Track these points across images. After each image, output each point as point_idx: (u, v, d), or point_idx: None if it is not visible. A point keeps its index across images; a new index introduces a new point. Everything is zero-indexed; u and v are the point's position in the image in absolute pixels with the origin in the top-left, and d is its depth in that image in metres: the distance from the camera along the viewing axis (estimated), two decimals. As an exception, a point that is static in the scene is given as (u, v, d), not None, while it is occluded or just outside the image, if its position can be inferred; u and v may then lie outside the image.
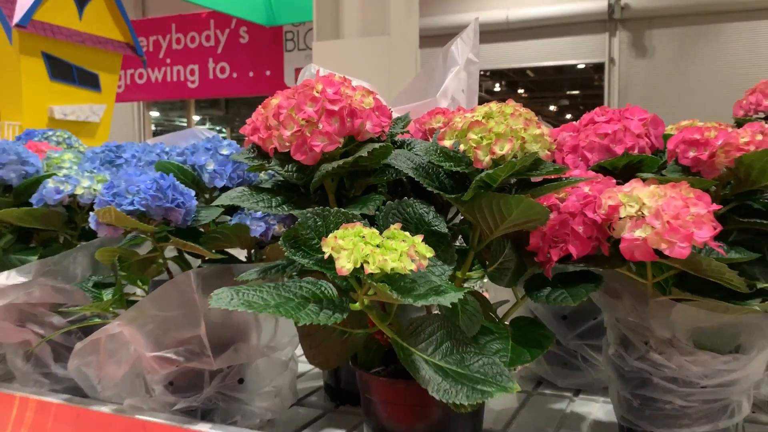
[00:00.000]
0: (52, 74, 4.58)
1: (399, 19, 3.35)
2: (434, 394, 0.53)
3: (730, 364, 0.67)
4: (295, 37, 8.33)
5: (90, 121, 4.93)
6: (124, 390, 0.80)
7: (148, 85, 9.45)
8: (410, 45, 3.45)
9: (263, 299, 0.51)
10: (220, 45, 8.95)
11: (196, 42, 9.10)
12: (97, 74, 4.96)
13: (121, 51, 5.06)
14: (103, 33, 4.91)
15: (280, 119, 0.58)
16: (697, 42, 7.82)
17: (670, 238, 0.55)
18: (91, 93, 4.91)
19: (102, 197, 0.69)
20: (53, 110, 4.58)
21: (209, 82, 9.09)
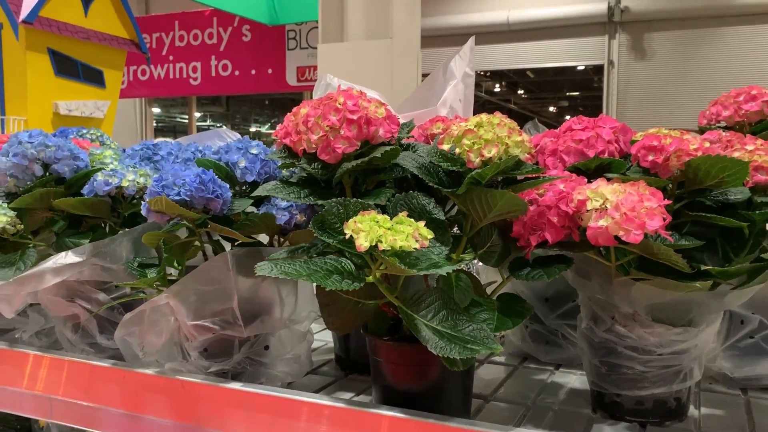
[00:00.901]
0: (57, 70, 4.64)
1: (402, 23, 3.46)
2: (432, 350, 0.66)
3: (682, 335, 0.80)
4: (297, 35, 8.44)
5: (94, 117, 5.01)
6: (163, 356, 0.93)
7: (151, 81, 9.55)
8: (412, 47, 3.57)
9: (296, 270, 0.63)
10: (223, 43, 9.05)
11: (198, 39, 9.20)
12: (102, 71, 5.04)
13: (126, 48, 5.14)
14: (108, 30, 4.99)
15: (309, 126, 0.70)
16: (696, 45, 7.93)
17: (627, 226, 0.67)
18: (95, 89, 4.99)
19: (152, 188, 0.81)
20: (58, 106, 4.65)
21: (211, 80, 9.19)
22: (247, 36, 8.83)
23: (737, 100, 0.97)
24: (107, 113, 5.09)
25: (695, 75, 7.94)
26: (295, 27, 8.32)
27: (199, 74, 9.27)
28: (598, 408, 0.85)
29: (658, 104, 8.16)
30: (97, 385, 0.91)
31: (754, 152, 0.80)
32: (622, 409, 0.82)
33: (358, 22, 3.51)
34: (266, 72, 8.79)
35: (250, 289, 0.86)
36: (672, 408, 0.82)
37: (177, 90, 9.56)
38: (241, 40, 8.89)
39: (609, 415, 0.84)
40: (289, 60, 8.54)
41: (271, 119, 13.79)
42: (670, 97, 8.10)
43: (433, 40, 7.79)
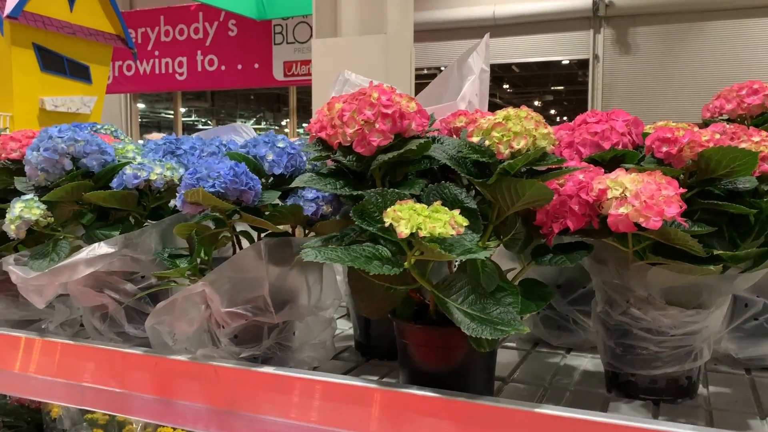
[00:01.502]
0: (43, 66, 4.61)
1: (395, 18, 3.49)
2: (466, 330, 0.69)
3: (694, 317, 0.84)
4: (284, 30, 8.44)
5: (81, 112, 4.98)
6: (193, 344, 0.96)
7: (137, 76, 9.50)
8: (406, 42, 3.61)
9: (339, 256, 0.66)
10: (209, 37, 9.02)
11: (184, 34, 9.16)
12: (88, 66, 5.01)
13: (112, 43, 5.11)
14: (94, 25, 4.96)
15: (344, 120, 0.73)
16: (680, 39, 8.04)
17: (647, 213, 0.72)
18: (82, 85, 4.96)
19: (187, 181, 0.84)
20: (44, 102, 4.62)
21: (198, 75, 9.16)
22: (233, 31, 8.81)
23: (740, 93, 1.02)
24: (94, 109, 5.06)
25: (679, 69, 8.04)
26: (281, 22, 8.31)
27: (185, 69, 9.24)
28: (613, 387, 0.90)
29: (642, 98, 8.25)
30: (130, 372, 0.94)
31: (761, 143, 0.84)
32: (636, 387, 0.87)
33: (352, 18, 3.54)
34: (253, 67, 8.78)
35: (280, 277, 0.90)
36: (684, 386, 0.86)
37: (163, 85, 9.53)
38: (227, 34, 8.87)
39: (624, 394, 0.88)
40: (275, 55, 8.54)
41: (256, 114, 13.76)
42: (654, 91, 8.20)
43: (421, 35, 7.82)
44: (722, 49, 7.77)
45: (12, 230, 0.95)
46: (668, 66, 8.15)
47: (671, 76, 8.09)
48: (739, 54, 7.66)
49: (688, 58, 8.00)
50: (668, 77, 8.11)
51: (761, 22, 7.57)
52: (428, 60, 9.16)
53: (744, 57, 7.62)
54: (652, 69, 8.26)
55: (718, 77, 7.52)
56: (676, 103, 7.89)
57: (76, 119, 4.91)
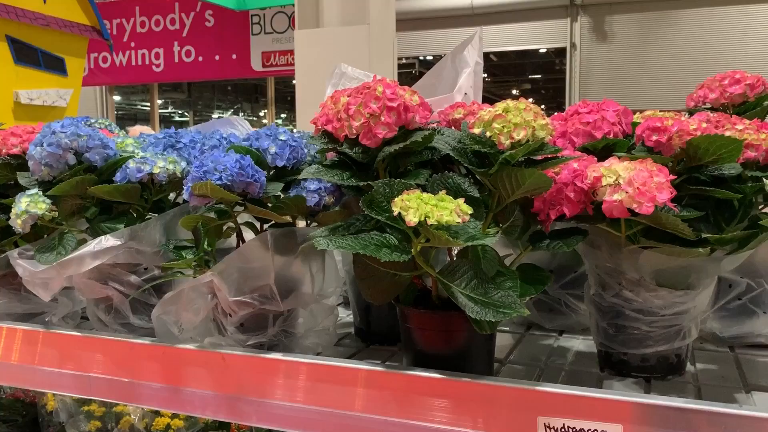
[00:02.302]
0: (16, 58, 4.54)
1: (378, 8, 3.51)
2: (470, 314, 0.73)
3: (683, 297, 0.88)
4: (261, 20, 8.39)
5: (57, 105, 4.92)
6: (199, 333, 0.98)
7: (113, 68, 9.39)
8: (388, 33, 3.62)
9: (349, 244, 0.69)
10: (186, 28, 8.94)
11: (160, 25, 9.07)
12: (63, 58, 4.95)
13: (87, 34, 5.04)
14: (68, 16, 4.89)
15: (350, 113, 0.76)
16: (656, 28, 8.14)
17: (640, 199, 0.75)
18: (57, 77, 4.90)
19: (194, 174, 0.86)
20: (19, 95, 4.55)
21: (174, 66, 9.08)
22: (210, 21, 8.74)
23: (722, 83, 1.06)
24: (70, 102, 5.00)
25: (654, 56, 8.15)
26: (259, 12, 8.26)
27: (162, 61, 9.15)
28: (606, 366, 0.94)
29: (619, 85, 8.36)
30: (138, 361, 0.96)
31: (744, 131, 0.88)
32: (628, 366, 0.91)
33: (334, 8, 3.54)
34: (230, 57, 8.73)
35: (285, 266, 0.92)
36: (673, 364, 0.91)
37: (140, 77, 9.43)
38: (204, 25, 8.79)
39: (617, 372, 0.92)
40: (253, 45, 8.49)
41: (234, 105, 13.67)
42: (630, 78, 8.31)
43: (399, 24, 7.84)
44: (696, 37, 7.89)
45: (18, 224, 0.97)
46: (644, 53, 8.26)
47: (647, 63, 8.21)
48: (712, 41, 7.79)
49: (663, 46, 8.12)
50: (644, 64, 8.23)
51: (733, 9, 7.70)
52: (407, 50, 9.18)
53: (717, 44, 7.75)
54: (628, 57, 8.36)
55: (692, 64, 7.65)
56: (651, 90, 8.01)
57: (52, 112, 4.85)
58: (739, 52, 7.61)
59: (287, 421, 0.87)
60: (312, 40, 3.53)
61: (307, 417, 0.86)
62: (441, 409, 0.79)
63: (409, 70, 9.70)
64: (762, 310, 0.99)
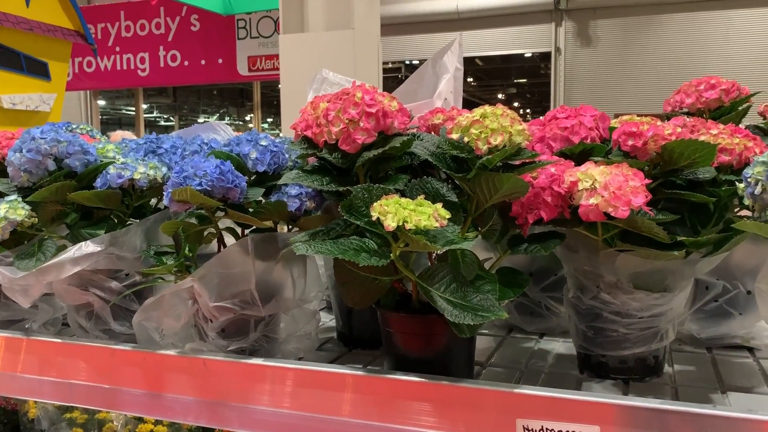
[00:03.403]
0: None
1: (362, 13, 3.52)
2: (449, 317, 0.73)
3: (660, 300, 0.90)
4: (247, 25, 8.38)
5: (40, 110, 4.89)
6: (180, 339, 0.98)
7: (98, 73, 9.34)
8: (373, 37, 3.63)
9: (329, 249, 0.70)
10: (171, 33, 8.91)
11: (146, 30, 9.03)
12: (47, 63, 4.92)
13: (71, 39, 5.02)
14: (51, 20, 4.86)
15: (329, 119, 0.76)
16: (639, 32, 8.23)
17: (615, 203, 0.77)
18: (40, 82, 4.87)
19: (174, 180, 0.86)
20: (1, 99, 4.52)
21: (160, 71, 9.05)
22: (195, 26, 8.72)
23: (698, 88, 1.08)
24: (54, 106, 4.97)
25: (638, 60, 8.23)
26: (245, 16, 8.26)
27: (147, 65, 9.11)
28: (585, 369, 0.95)
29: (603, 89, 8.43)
30: (119, 368, 0.96)
31: (718, 136, 0.90)
32: (607, 368, 0.92)
33: (319, 13, 3.55)
34: (216, 62, 8.71)
35: (266, 271, 0.92)
36: (651, 365, 0.92)
37: (125, 81, 9.39)
38: (190, 30, 8.78)
39: (596, 374, 0.93)
40: (239, 50, 8.48)
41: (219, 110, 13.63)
42: (614, 82, 8.38)
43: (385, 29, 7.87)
44: (678, 42, 7.98)
45: (-3, 231, 0.96)
46: (627, 58, 8.34)
47: (630, 67, 8.28)
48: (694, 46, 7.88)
49: (647, 50, 8.20)
50: (627, 69, 8.30)
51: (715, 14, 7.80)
52: (392, 54, 9.20)
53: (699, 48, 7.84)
54: (612, 61, 8.44)
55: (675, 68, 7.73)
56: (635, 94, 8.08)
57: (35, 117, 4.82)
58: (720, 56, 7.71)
59: (269, 426, 0.87)
60: (297, 44, 3.54)
61: (289, 422, 0.86)
62: (421, 412, 0.80)
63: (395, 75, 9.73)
64: (738, 312, 1.01)
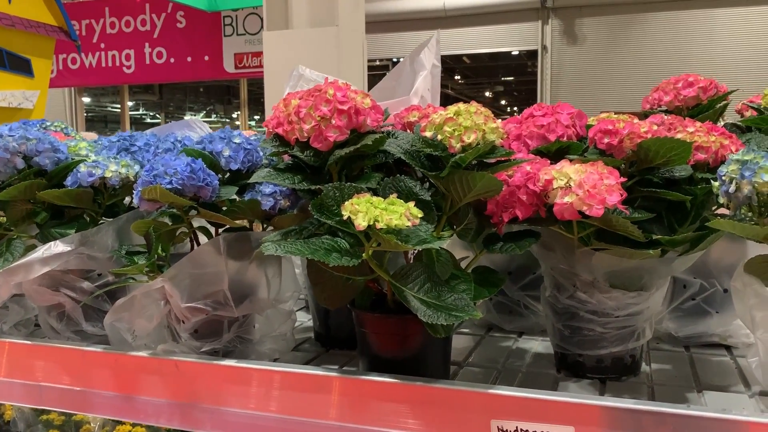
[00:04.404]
0: (-20, 59, 4.46)
1: (347, 10, 3.50)
2: (422, 317, 0.72)
3: (636, 298, 0.89)
4: (233, 22, 8.32)
5: (23, 107, 4.83)
6: (153, 340, 0.96)
7: (82, 70, 9.24)
8: (358, 35, 3.61)
9: (299, 249, 0.69)
10: (157, 29, 8.84)
11: (131, 26, 8.95)
12: (29, 59, 4.86)
13: (54, 35, 4.96)
14: (34, 17, 4.80)
15: (301, 116, 0.75)
16: (624, 30, 8.27)
17: (590, 202, 0.76)
18: (23, 78, 4.81)
19: (144, 178, 0.85)
20: (-17, 96, 4.47)
21: (146, 68, 8.97)
22: (181, 22, 8.65)
23: (676, 86, 1.08)
24: (37, 103, 4.91)
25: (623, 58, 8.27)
26: (231, 13, 8.20)
27: (132, 62, 9.03)
28: (562, 368, 0.94)
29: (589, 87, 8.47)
30: (90, 369, 0.94)
31: (695, 134, 0.90)
32: (584, 367, 0.91)
33: (303, 10, 3.53)
34: (203, 59, 8.65)
35: (239, 271, 0.91)
36: (628, 364, 0.91)
37: (110, 78, 9.30)
38: (176, 26, 8.71)
39: (572, 373, 0.93)
40: (226, 47, 8.43)
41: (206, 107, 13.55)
42: (600, 80, 8.42)
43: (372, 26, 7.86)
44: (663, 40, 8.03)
45: (-36, 231, 0.94)
46: (613, 56, 8.38)
47: (616, 65, 8.32)
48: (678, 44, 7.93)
49: (632, 48, 8.24)
50: (613, 66, 8.34)
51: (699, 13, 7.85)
52: (380, 52, 9.19)
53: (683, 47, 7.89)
54: (598, 59, 8.48)
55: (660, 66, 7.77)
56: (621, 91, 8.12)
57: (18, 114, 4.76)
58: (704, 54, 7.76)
59: (242, 428, 0.86)
60: (281, 41, 3.51)
61: (262, 424, 0.84)
62: (395, 413, 0.79)
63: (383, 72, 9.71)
64: (715, 310, 1.01)
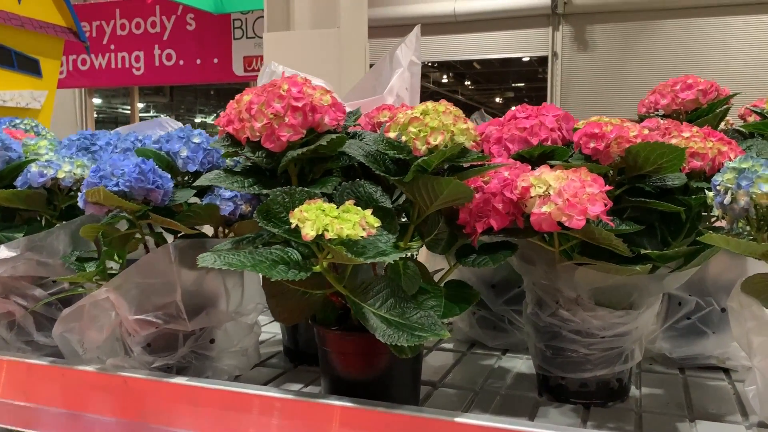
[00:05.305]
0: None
1: (349, 12, 3.44)
2: (381, 338, 0.65)
3: (624, 318, 0.82)
4: (243, 25, 8.30)
5: (31, 107, 4.82)
6: (104, 353, 0.90)
7: (92, 71, 9.25)
8: (360, 37, 3.55)
9: (241, 261, 0.62)
10: (167, 32, 8.83)
11: (141, 28, 8.95)
12: (38, 60, 4.85)
13: (63, 36, 4.95)
14: (43, 17, 4.80)
15: (252, 113, 0.68)
16: (635, 37, 8.17)
17: (569, 212, 0.69)
18: (31, 79, 4.80)
19: (90, 179, 0.78)
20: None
21: (155, 69, 8.96)
22: (191, 25, 8.64)
23: (674, 89, 1.00)
24: (44, 104, 4.91)
25: (635, 65, 8.17)
26: (240, 16, 8.18)
27: (142, 64, 9.03)
28: (543, 391, 0.87)
29: (600, 94, 8.37)
30: (36, 384, 0.88)
31: (690, 139, 0.82)
32: (566, 391, 0.84)
33: (305, 11, 3.47)
34: (212, 62, 8.63)
35: (195, 281, 0.84)
36: (614, 389, 0.84)
37: (119, 80, 9.30)
38: (186, 29, 8.70)
39: (554, 397, 0.85)
40: (235, 49, 8.41)
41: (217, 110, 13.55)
42: (611, 87, 8.32)
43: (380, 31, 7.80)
44: (676, 47, 7.93)
45: None
46: (624, 63, 8.28)
47: (627, 72, 8.23)
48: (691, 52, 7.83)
49: (643, 56, 8.14)
50: (624, 74, 8.25)
51: (712, 21, 7.74)
52: (389, 56, 9.11)
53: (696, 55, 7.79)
54: (609, 66, 8.39)
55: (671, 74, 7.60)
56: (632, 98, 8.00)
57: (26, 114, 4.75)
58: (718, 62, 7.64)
59: (192, 451, 0.79)
60: (281, 43, 3.46)
61: (213, 447, 0.78)
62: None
63: (391, 77, 9.64)
64: (711, 330, 0.93)
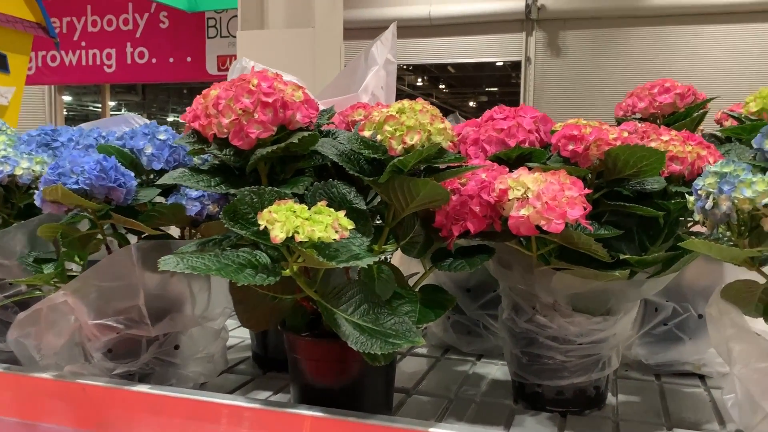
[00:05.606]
0: (-46, 54, 4.35)
1: (324, 12, 3.41)
2: (353, 345, 0.63)
3: (601, 324, 0.80)
4: (217, 23, 8.20)
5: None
6: (63, 359, 0.85)
7: (62, 68, 9.06)
8: (335, 37, 3.52)
9: (205, 264, 0.58)
10: (139, 29, 8.68)
11: (113, 25, 8.79)
12: (6, 55, 4.74)
13: (32, 31, 4.84)
14: (11, 11, 4.68)
15: (219, 108, 0.65)
16: (608, 43, 8.27)
17: (548, 215, 0.67)
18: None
19: (48, 177, 0.74)
20: (-44, 91, 4.36)
21: (127, 67, 8.81)
22: (164, 23, 8.51)
23: (652, 92, 0.99)
24: (12, 100, 4.79)
25: (607, 71, 8.27)
26: (215, 15, 8.08)
27: (113, 61, 8.86)
28: (519, 398, 0.85)
29: (572, 99, 8.45)
30: (-13, 392, 0.83)
31: (669, 143, 0.81)
32: (543, 399, 0.82)
33: (279, 10, 3.43)
34: (185, 60, 8.51)
35: (159, 285, 0.81)
36: (591, 396, 0.82)
37: (90, 77, 9.12)
38: (159, 27, 8.56)
39: (530, 405, 0.83)
40: (209, 48, 8.30)
41: (189, 109, 13.39)
42: (583, 92, 8.41)
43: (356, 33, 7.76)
44: (647, 54, 8.04)
45: None
46: (596, 69, 8.38)
47: (599, 78, 8.32)
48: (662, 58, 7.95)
49: (616, 62, 8.24)
50: (596, 79, 8.34)
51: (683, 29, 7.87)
52: (364, 58, 9.09)
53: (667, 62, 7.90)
54: (581, 71, 8.48)
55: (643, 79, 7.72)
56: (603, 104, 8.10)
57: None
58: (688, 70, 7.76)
59: (154, 463, 0.75)
60: (255, 41, 3.42)
61: (176, 459, 0.74)
62: (325, 451, 0.69)
63: (366, 79, 9.62)
64: (688, 337, 0.92)
